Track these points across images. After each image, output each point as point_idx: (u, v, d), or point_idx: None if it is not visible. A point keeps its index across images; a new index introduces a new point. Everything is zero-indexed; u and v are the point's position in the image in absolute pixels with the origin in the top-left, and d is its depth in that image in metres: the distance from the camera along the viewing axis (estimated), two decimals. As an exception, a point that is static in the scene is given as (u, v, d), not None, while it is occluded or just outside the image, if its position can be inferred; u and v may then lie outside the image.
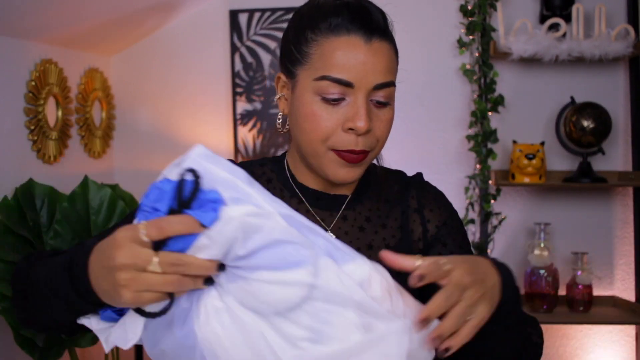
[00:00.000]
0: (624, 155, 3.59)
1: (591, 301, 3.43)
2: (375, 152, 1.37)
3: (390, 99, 1.35)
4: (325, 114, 1.31)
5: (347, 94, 1.30)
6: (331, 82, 1.30)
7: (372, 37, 1.31)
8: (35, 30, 2.95)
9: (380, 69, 1.31)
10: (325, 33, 1.32)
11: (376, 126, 1.33)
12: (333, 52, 1.30)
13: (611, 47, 3.31)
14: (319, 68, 1.32)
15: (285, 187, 1.47)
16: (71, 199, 2.87)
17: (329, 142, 1.32)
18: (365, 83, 1.30)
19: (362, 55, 1.30)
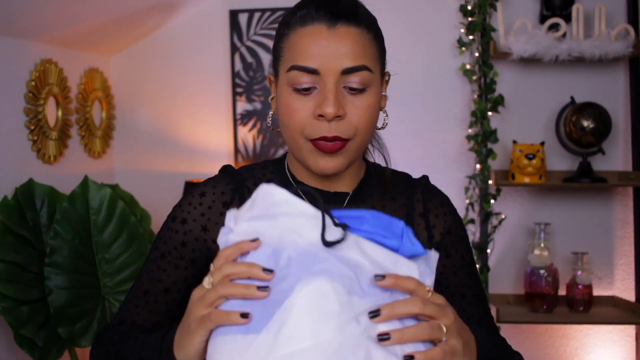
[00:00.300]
0: (624, 155, 3.59)
1: (591, 301, 3.43)
2: (357, 141, 1.34)
3: (367, 85, 1.32)
4: (299, 104, 1.31)
5: (316, 82, 1.30)
6: (298, 72, 1.30)
7: (337, 22, 1.30)
8: (35, 30, 2.95)
9: (346, 53, 1.29)
10: (294, 26, 1.33)
11: (352, 113, 1.31)
12: (298, 41, 1.31)
13: (611, 47, 3.31)
14: (288, 60, 1.33)
15: (285, 186, 1.44)
16: (71, 199, 2.87)
17: (305, 132, 1.32)
18: (332, 68, 1.29)
19: (325, 41, 1.29)
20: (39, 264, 2.73)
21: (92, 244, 2.92)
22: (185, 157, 3.83)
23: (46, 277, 2.70)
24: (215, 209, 1.42)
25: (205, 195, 1.44)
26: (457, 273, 1.49)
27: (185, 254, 1.42)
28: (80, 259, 2.84)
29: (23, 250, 2.68)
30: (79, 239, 2.84)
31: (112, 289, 2.93)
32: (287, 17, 1.37)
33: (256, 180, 1.46)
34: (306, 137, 1.32)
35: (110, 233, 2.96)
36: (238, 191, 1.44)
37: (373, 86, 1.33)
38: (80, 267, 2.83)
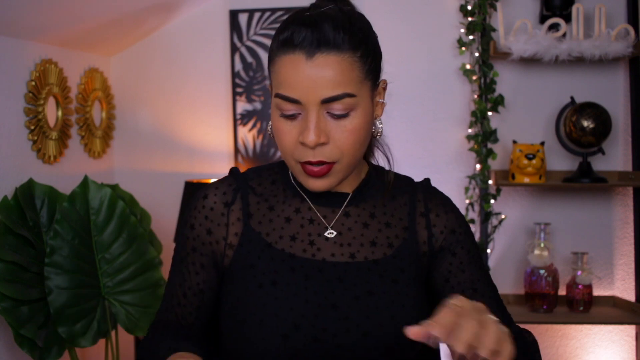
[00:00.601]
0: (624, 155, 3.59)
1: (591, 301, 3.43)
2: (344, 162, 1.37)
3: (351, 109, 1.34)
4: (286, 129, 1.37)
5: (300, 110, 1.34)
6: (282, 100, 1.34)
7: (317, 51, 1.30)
8: (35, 30, 2.95)
9: (326, 84, 1.31)
10: (277, 51, 1.36)
11: (337, 137, 1.34)
12: (280, 70, 1.35)
13: (611, 47, 3.31)
14: (275, 85, 1.37)
15: (287, 186, 1.51)
16: (71, 199, 2.87)
17: (294, 156, 1.38)
18: (312, 99, 1.31)
19: (304, 72, 1.31)
20: (39, 264, 2.72)
21: (92, 244, 2.91)
22: (185, 157, 3.83)
23: (46, 277, 2.70)
24: (217, 210, 1.48)
25: (207, 197, 1.50)
26: (465, 270, 1.51)
27: (196, 259, 1.48)
28: (80, 258, 2.84)
29: (23, 250, 2.68)
30: (79, 239, 2.84)
31: (112, 289, 2.93)
32: (273, 38, 1.39)
33: (261, 180, 1.52)
34: (295, 160, 1.38)
35: (110, 233, 2.95)
36: (240, 190, 1.49)
37: (358, 108, 1.35)
38: (80, 267, 2.83)
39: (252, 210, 1.48)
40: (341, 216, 1.48)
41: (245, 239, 1.45)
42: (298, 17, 1.36)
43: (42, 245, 2.78)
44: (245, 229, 1.46)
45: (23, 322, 2.58)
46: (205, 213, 1.48)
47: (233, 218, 1.47)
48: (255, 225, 1.46)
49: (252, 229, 1.46)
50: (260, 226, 1.46)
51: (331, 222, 1.47)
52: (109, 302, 2.91)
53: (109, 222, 2.96)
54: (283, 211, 1.48)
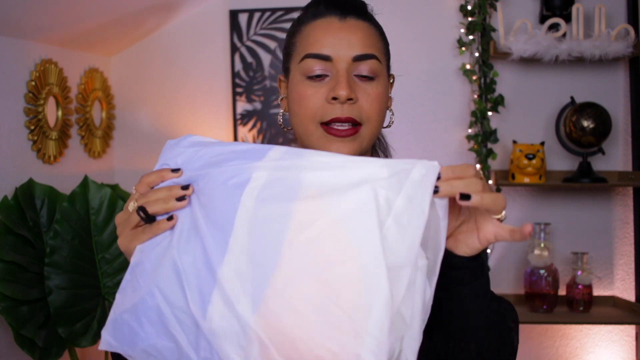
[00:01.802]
0: (624, 155, 3.59)
1: (591, 301, 3.43)
2: (369, 128, 1.37)
3: (376, 75, 1.37)
4: (312, 91, 1.36)
5: (328, 70, 1.36)
6: (312, 59, 1.36)
7: (347, 16, 1.38)
8: (36, 30, 2.95)
9: (357, 42, 1.36)
10: (306, 22, 1.41)
11: (363, 99, 1.36)
12: (310, 33, 1.38)
13: (611, 47, 3.31)
14: (301, 51, 1.39)
15: None
16: (71, 199, 2.88)
17: (317, 117, 1.36)
18: (343, 55, 1.35)
19: (337, 31, 1.36)
20: (39, 264, 2.73)
21: (92, 244, 2.92)
22: (185, 157, 3.80)
23: (46, 277, 2.70)
24: None
25: None
26: None
27: None
28: (80, 258, 2.85)
29: (23, 250, 2.68)
30: (79, 239, 2.85)
31: (112, 289, 2.92)
32: (299, 16, 1.45)
33: None
34: (318, 122, 1.36)
35: (110, 233, 2.95)
36: None
37: (381, 77, 1.39)
38: (80, 267, 2.83)
39: None
40: None
41: None
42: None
43: (42, 245, 2.78)
44: None
45: (23, 322, 2.59)
46: None
47: None
48: None
49: None
50: None
51: None
52: (109, 302, 2.91)
53: (109, 222, 2.96)
54: None
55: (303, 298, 0.96)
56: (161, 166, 1.16)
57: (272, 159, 1.06)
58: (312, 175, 1.01)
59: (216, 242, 1.02)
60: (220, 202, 1.04)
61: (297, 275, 0.97)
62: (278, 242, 0.98)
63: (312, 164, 1.02)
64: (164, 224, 1.10)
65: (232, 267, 1.00)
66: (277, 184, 1.02)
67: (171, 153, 1.17)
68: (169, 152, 1.18)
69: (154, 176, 1.14)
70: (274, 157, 1.06)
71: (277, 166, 1.04)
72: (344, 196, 0.98)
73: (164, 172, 1.14)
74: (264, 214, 1.00)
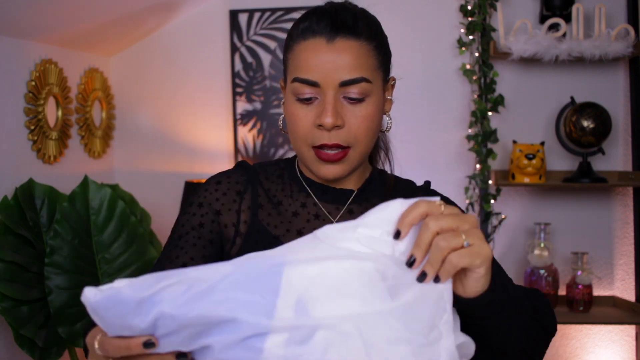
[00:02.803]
0: (624, 155, 3.58)
1: (591, 301, 3.43)
2: (357, 149, 1.39)
3: (366, 95, 1.37)
4: (302, 113, 1.38)
5: (317, 93, 1.36)
6: (300, 83, 1.36)
7: (336, 36, 1.35)
8: (35, 30, 2.95)
9: (345, 66, 1.34)
10: (297, 39, 1.39)
11: (351, 122, 1.36)
12: (300, 54, 1.37)
13: (611, 47, 3.30)
14: (292, 71, 1.39)
15: (293, 181, 1.53)
16: (71, 199, 2.88)
17: (308, 140, 1.38)
18: (331, 81, 1.34)
19: (324, 54, 1.35)
20: (39, 264, 2.73)
21: (92, 244, 2.92)
22: (185, 157, 3.82)
23: (46, 277, 2.71)
24: (229, 196, 1.48)
25: (221, 183, 1.50)
26: None
27: (203, 234, 1.44)
28: (80, 259, 2.84)
29: (23, 250, 2.68)
30: (79, 239, 2.85)
31: None
32: (292, 29, 1.43)
33: (268, 175, 1.54)
34: (309, 145, 1.39)
35: (110, 233, 2.96)
36: (251, 182, 1.51)
37: (372, 95, 1.38)
38: (80, 267, 2.83)
39: (261, 202, 1.49)
40: (345, 213, 1.50)
41: (253, 229, 1.46)
42: (318, 9, 1.41)
43: (42, 245, 2.78)
44: (253, 220, 1.47)
45: (23, 322, 2.59)
46: (217, 196, 1.48)
47: (244, 206, 1.48)
48: (263, 217, 1.47)
49: (260, 221, 1.46)
50: (269, 218, 1.47)
51: (335, 218, 1.49)
52: None
53: (109, 222, 2.97)
54: (290, 205, 1.50)
55: None
56: (121, 327, 0.94)
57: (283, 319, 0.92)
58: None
59: None
60: None
61: None
62: None
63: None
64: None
65: None
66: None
67: (115, 312, 0.94)
68: (108, 312, 0.94)
69: (123, 351, 0.95)
70: (286, 316, 0.92)
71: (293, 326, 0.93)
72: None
73: (135, 349, 0.94)
74: None
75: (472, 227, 1.03)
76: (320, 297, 0.94)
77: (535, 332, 1.25)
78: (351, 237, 1.01)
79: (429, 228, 1.00)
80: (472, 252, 1.01)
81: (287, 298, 0.93)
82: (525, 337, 1.22)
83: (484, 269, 1.04)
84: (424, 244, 1.00)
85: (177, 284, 0.91)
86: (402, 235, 1.01)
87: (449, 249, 1.00)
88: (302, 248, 1.00)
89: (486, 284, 1.07)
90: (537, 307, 1.30)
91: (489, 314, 1.12)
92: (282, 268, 0.94)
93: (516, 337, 1.20)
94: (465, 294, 1.08)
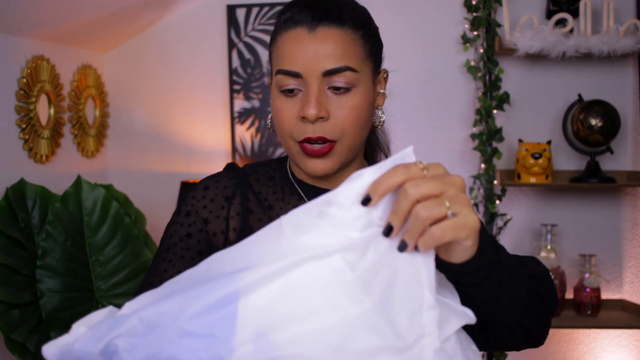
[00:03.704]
0: (633, 155, 3.56)
1: (599, 305, 3.40)
2: (345, 142, 1.34)
3: (353, 85, 1.33)
4: (286, 107, 1.36)
5: (300, 85, 1.33)
6: (283, 75, 1.35)
7: (318, 25, 1.32)
8: (27, 26, 2.93)
9: (327, 55, 1.31)
10: (279, 31, 1.37)
11: (337, 113, 1.32)
12: (282, 45, 1.36)
13: (620, 43, 3.28)
14: (276, 64, 1.38)
15: (285, 183, 1.50)
16: (64, 200, 2.88)
17: (293, 135, 1.35)
18: (313, 71, 1.31)
19: (306, 44, 1.32)
20: (30, 266, 2.72)
21: (85, 246, 2.91)
22: (182, 156, 3.79)
23: (38, 279, 2.71)
24: (217, 203, 1.45)
25: (208, 189, 1.47)
26: None
27: (191, 245, 1.41)
28: (73, 261, 2.84)
29: (14, 252, 2.68)
30: (71, 241, 2.84)
31: (106, 292, 2.92)
32: (275, 23, 1.42)
33: (259, 177, 1.51)
34: (294, 139, 1.36)
35: (104, 234, 2.95)
36: (240, 186, 1.48)
37: (360, 86, 1.34)
38: (73, 269, 2.82)
39: (251, 207, 1.46)
40: None
41: (243, 236, 1.41)
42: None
43: (34, 247, 2.78)
44: (243, 226, 1.44)
45: (14, 326, 2.59)
46: (204, 203, 1.44)
47: (233, 212, 1.45)
48: (254, 223, 1.44)
49: (250, 227, 1.43)
50: (259, 224, 1.43)
51: None
52: (103, 305, 2.92)
53: (103, 223, 2.96)
54: (281, 210, 1.46)
55: None
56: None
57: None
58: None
59: None
60: None
61: None
62: None
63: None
64: None
65: None
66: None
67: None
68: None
69: None
70: (246, 351, 0.88)
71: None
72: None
73: None
74: None
75: (458, 192, 0.93)
76: (282, 322, 0.87)
77: (533, 303, 1.16)
78: (317, 223, 0.93)
79: (408, 195, 0.90)
80: (457, 223, 0.91)
81: (244, 332, 0.87)
82: (522, 307, 1.14)
83: (471, 241, 0.96)
84: (402, 211, 0.90)
85: (132, 328, 0.89)
86: (372, 202, 0.91)
87: (431, 219, 0.90)
88: (264, 253, 0.92)
89: (474, 251, 0.99)
90: (535, 276, 1.20)
91: (476, 281, 1.04)
92: (236, 300, 0.88)
93: (510, 307, 1.12)
94: (450, 260, 0.99)
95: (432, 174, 0.93)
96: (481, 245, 1.01)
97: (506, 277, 1.08)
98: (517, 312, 1.14)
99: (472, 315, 0.95)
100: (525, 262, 1.23)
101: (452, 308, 0.95)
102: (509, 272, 1.10)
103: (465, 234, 0.93)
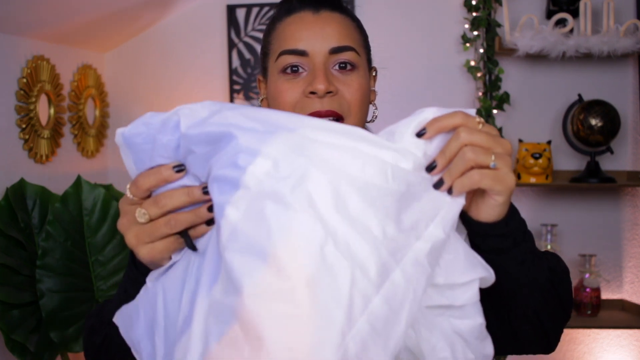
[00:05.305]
0: (633, 155, 3.56)
1: (599, 305, 3.41)
2: (351, 122, 1.34)
3: (356, 66, 1.34)
4: (288, 86, 1.33)
5: (305, 65, 1.33)
6: (287, 55, 1.33)
7: (321, 9, 1.35)
8: (27, 26, 2.92)
9: (333, 34, 1.33)
10: (280, 18, 1.39)
11: (344, 90, 1.32)
12: (285, 29, 1.36)
13: (620, 43, 3.28)
14: (277, 48, 1.37)
15: None
16: (64, 200, 2.87)
17: (296, 109, 1.33)
18: (319, 49, 1.32)
19: (311, 24, 1.34)
20: (30, 267, 2.71)
21: (85, 246, 2.90)
22: (182, 156, 3.76)
23: (38, 280, 2.69)
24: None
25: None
26: None
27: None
28: (73, 261, 2.83)
29: (14, 252, 2.67)
30: (71, 241, 2.83)
31: (106, 292, 2.91)
32: (273, 14, 1.44)
33: None
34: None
35: (104, 234, 2.94)
36: None
37: (361, 69, 1.36)
38: (73, 269, 2.82)
39: None
40: None
41: None
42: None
43: (34, 247, 2.77)
44: None
45: (14, 326, 2.58)
46: None
47: None
48: None
49: None
50: None
51: None
52: None
53: (103, 223, 2.95)
54: None
55: None
56: (151, 157, 0.98)
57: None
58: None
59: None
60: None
61: None
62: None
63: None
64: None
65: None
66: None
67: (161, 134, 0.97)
68: (138, 138, 0.99)
69: (153, 179, 0.97)
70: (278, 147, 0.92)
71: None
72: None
73: (165, 173, 0.96)
74: None
75: (505, 153, 0.97)
76: (321, 145, 0.91)
77: (551, 297, 1.17)
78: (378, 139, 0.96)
79: (459, 138, 0.95)
80: (497, 175, 0.96)
81: (286, 137, 0.91)
82: (540, 296, 1.15)
83: (503, 198, 0.99)
84: (450, 152, 0.95)
85: (192, 109, 0.96)
86: (426, 136, 0.95)
87: (474, 162, 0.95)
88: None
89: (502, 214, 1.02)
90: (555, 271, 1.22)
91: (500, 247, 1.06)
92: (296, 128, 0.93)
93: (529, 290, 1.14)
94: (478, 217, 1.02)
95: (486, 130, 0.97)
96: (510, 215, 1.04)
97: (529, 257, 1.10)
98: (535, 299, 1.14)
99: (492, 272, 0.97)
100: (548, 257, 1.25)
101: (478, 260, 0.97)
102: (532, 255, 1.11)
103: (501, 188, 0.96)
